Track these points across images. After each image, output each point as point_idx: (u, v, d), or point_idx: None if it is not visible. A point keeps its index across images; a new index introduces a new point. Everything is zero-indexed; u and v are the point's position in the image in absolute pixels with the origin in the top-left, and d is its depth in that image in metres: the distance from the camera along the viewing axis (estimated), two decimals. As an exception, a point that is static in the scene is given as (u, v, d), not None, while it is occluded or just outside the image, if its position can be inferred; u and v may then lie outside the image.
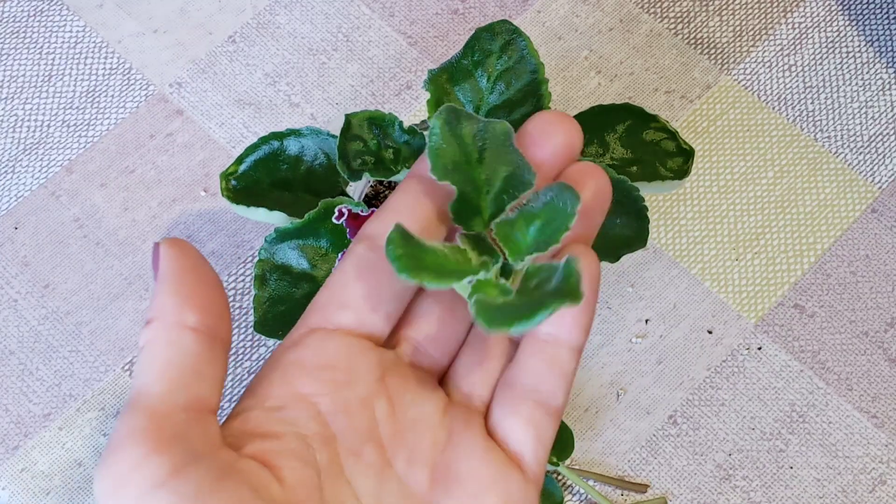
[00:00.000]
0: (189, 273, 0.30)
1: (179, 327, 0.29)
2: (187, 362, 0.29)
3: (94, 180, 0.62)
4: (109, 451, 0.28)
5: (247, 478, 0.28)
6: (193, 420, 0.29)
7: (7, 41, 0.65)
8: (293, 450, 0.30)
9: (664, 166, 0.51)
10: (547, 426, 0.32)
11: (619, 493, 0.56)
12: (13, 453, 0.57)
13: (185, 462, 0.28)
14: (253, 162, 0.51)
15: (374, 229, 0.33)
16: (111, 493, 0.27)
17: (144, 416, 0.28)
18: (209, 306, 0.30)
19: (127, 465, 0.27)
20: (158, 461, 0.27)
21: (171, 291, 0.30)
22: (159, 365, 0.29)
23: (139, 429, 0.28)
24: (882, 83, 0.64)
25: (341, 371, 0.31)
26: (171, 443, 0.28)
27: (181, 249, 0.30)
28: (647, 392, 0.58)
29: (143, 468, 0.27)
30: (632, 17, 0.66)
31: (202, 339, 0.30)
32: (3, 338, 0.59)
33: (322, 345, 0.32)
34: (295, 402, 0.31)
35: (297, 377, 0.31)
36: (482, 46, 0.49)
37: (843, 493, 0.56)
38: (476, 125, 0.33)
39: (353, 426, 0.31)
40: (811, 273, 0.60)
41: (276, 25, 0.65)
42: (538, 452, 0.32)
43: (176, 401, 0.29)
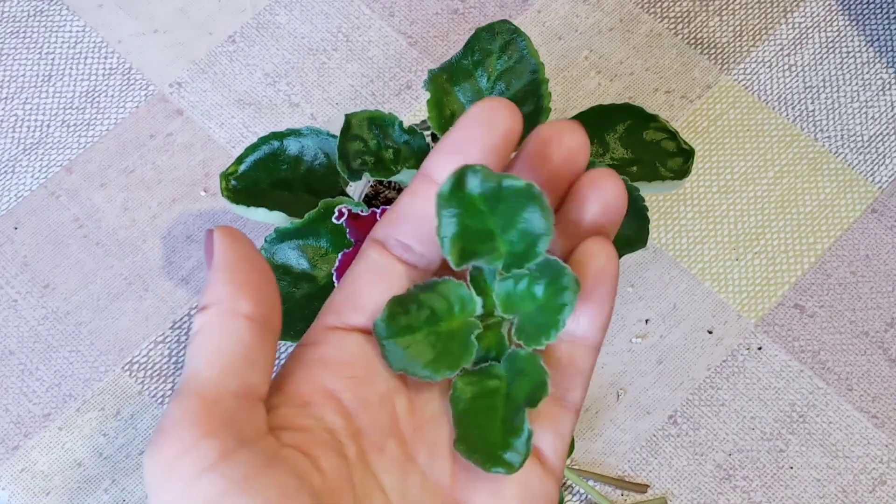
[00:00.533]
0: (243, 262, 0.30)
1: (234, 315, 0.30)
2: (239, 350, 0.30)
3: (94, 180, 0.62)
4: (160, 433, 0.28)
5: (291, 464, 0.29)
6: (243, 406, 0.29)
7: (7, 41, 0.65)
8: (326, 441, 0.30)
9: (664, 166, 0.51)
10: (565, 422, 0.33)
11: (620, 494, 0.56)
12: (13, 453, 0.57)
13: (235, 447, 0.28)
14: (253, 162, 0.51)
15: (383, 233, 0.33)
16: (161, 475, 0.28)
17: (196, 400, 0.29)
18: (262, 295, 0.30)
19: (178, 447, 0.28)
20: (209, 445, 0.28)
21: (225, 279, 0.30)
22: (212, 351, 0.30)
23: (191, 412, 0.28)
24: (882, 83, 0.64)
25: (361, 368, 0.32)
26: (222, 427, 0.28)
27: (235, 238, 0.31)
28: (648, 392, 0.58)
29: (194, 451, 0.28)
30: (632, 17, 0.66)
31: (255, 327, 0.30)
32: (3, 338, 0.59)
33: (341, 343, 0.32)
34: (321, 397, 0.31)
35: (320, 374, 0.32)
36: (482, 46, 0.49)
37: (843, 493, 0.56)
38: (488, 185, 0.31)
39: (376, 421, 0.31)
40: (811, 273, 0.60)
41: (276, 25, 0.65)
42: (557, 447, 0.33)
43: (227, 387, 0.29)
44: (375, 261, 0.33)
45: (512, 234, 0.31)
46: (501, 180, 0.30)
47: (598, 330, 0.33)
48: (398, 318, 0.32)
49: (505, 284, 0.32)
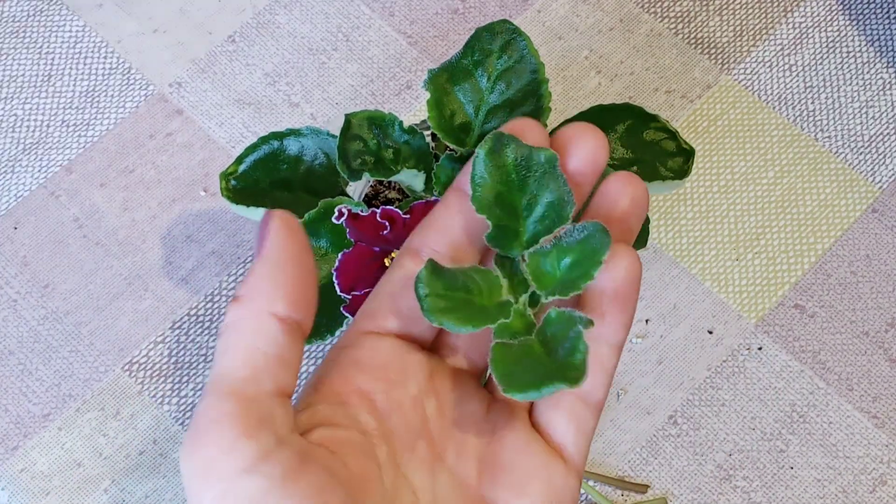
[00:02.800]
0: (292, 261, 0.30)
1: (269, 315, 0.30)
2: (273, 351, 0.30)
3: (94, 180, 0.62)
4: (197, 433, 0.29)
5: (323, 462, 0.29)
6: (277, 406, 0.30)
7: (7, 41, 0.65)
8: (357, 442, 0.31)
9: (664, 166, 0.51)
10: (588, 419, 0.34)
11: (620, 494, 0.56)
12: (13, 453, 0.57)
13: (272, 446, 0.28)
14: (253, 162, 0.51)
15: (417, 243, 0.35)
16: (201, 475, 0.28)
17: (233, 400, 0.29)
18: (301, 301, 0.31)
19: (216, 449, 0.28)
20: (247, 445, 0.28)
21: (268, 276, 0.30)
22: (246, 350, 0.30)
23: (228, 413, 0.29)
24: (883, 83, 0.64)
25: (394, 371, 0.33)
26: (260, 427, 0.29)
27: (291, 232, 0.31)
28: (648, 392, 0.58)
29: (233, 452, 0.28)
30: (632, 17, 0.66)
31: (287, 329, 0.30)
32: (3, 338, 0.59)
33: (375, 346, 0.33)
34: (356, 398, 0.32)
35: (355, 375, 0.32)
36: (482, 46, 0.49)
37: (843, 493, 0.56)
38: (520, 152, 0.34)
39: (407, 423, 0.32)
40: (811, 273, 0.60)
41: (276, 25, 0.65)
42: (579, 444, 0.34)
43: (263, 387, 0.29)
44: (410, 269, 0.34)
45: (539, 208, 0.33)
46: (531, 151, 0.33)
47: (621, 329, 0.34)
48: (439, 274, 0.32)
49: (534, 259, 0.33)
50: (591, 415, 0.34)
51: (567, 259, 0.33)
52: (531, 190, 0.33)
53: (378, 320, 0.34)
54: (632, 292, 0.33)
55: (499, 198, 0.33)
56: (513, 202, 0.33)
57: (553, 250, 0.33)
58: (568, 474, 0.33)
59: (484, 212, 0.33)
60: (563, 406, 0.33)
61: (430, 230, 0.34)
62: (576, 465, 0.33)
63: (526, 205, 0.33)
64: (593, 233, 0.32)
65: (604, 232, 0.32)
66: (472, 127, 0.50)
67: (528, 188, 0.33)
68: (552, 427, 0.33)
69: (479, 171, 0.33)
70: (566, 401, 0.33)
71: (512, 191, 0.33)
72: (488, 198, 0.33)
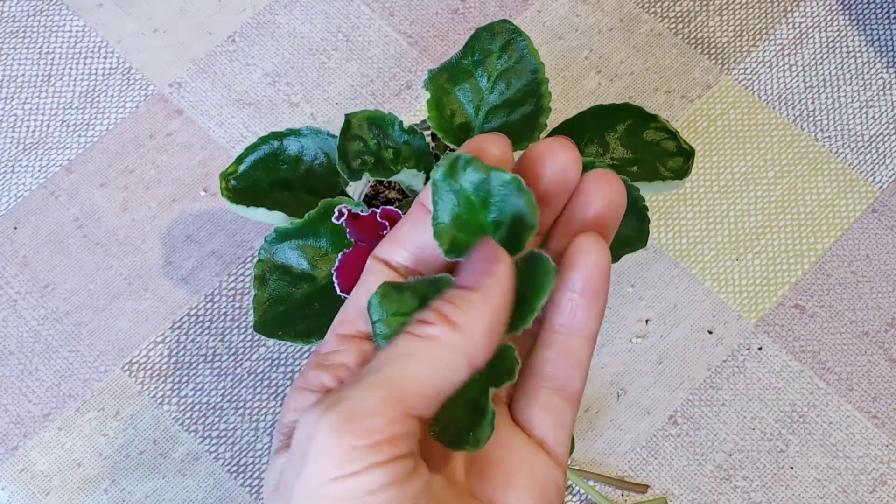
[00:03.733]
0: (505, 306, 0.32)
1: (466, 355, 0.31)
2: (448, 388, 0.32)
3: (94, 180, 0.62)
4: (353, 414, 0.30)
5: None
6: (418, 430, 0.32)
7: (7, 41, 0.65)
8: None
9: (664, 166, 0.51)
10: (565, 411, 0.34)
11: (620, 494, 0.56)
12: (13, 453, 0.57)
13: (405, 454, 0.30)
14: (253, 162, 0.51)
15: (385, 253, 0.35)
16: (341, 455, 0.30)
17: (402, 412, 0.31)
18: (493, 348, 0.32)
19: (366, 440, 0.30)
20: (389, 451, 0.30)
21: (488, 315, 0.31)
22: (436, 378, 0.31)
23: (395, 420, 0.30)
24: (883, 83, 0.64)
25: None
26: (403, 442, 0.31)
27: (512, 277, 0.32)
28: (648, 392, 0.58)
29: (377, 451, 0.30)
30: (632, 17, 0.66)
31: (468, 372, 0.32)
32: (3, 338, 0.59)
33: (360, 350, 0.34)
34: None
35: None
36: (482, 46, 0.49)
37: (843, 493, 0.56)
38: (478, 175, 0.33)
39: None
40: (812, 273, 0.60)
41: (276, 25, 0.65)
42: (559, 436, 0.34)
43: (424, 413, 0.31)
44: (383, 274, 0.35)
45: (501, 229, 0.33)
46: (490, 172, 0.32)
47: (592, 320, 0.34)
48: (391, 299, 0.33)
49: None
50: (569, 407, 0.34)
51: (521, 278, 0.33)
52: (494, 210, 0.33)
53: (356, 325, 0.34)
54: (601, 284, 0.34)
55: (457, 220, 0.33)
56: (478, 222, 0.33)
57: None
58: (551, 466, 0.34)
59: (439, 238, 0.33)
60: (539, 402, 0.34)
61: (397, 244, 0.35)
62: (558, 456, 0.34)
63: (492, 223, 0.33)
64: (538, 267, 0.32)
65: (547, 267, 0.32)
66: (472, 127, 0.49)
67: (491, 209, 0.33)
68: (531, 422, 0.34)
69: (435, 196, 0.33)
70: (542, 396, 0.34)
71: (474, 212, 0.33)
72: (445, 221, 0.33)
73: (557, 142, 0.34)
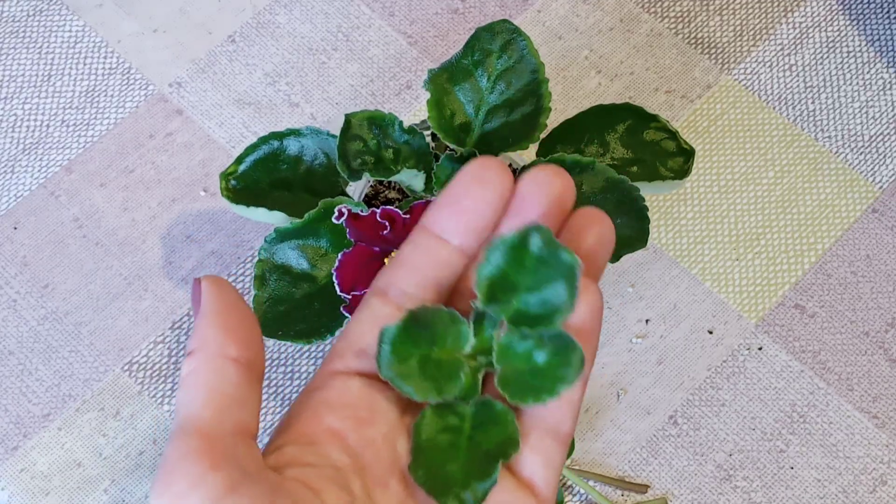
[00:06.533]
0: (230, 309, 0.32)
1: (223, 358, 0.32)
2: (231, 391, 0.31)
3: (94, 180, 0.62)
4: (165, 471, 0.29)
5: (296, 497, 0.30)
6: (240, 444, 0.31)
7: (7, 41, 0.65)
8: (331, 476, 0.31)
9: (664, 166, 0.51)
10: (555, 452, 0.34)
11: (620, 494, 0.56)
12: (13, 453, 0.57)
13: (240, 480, 0.29)
14: (253, 162, 0.51)
15: (384, 282, 0.35)
16: None
17: (197, 438, 0.30)
18: (248, 341, 0.32)
19: (185, 483, 0.29)
20: (215, 478, 0.29)
21: (213, 324, 0.32)
22: (205, 392, 0.31)
23: (194, 449, 0.30)
24: (883, 83, 0.64)
25: (363, 410, 0.33)
26: (226, 461, 0.30)
27: (222, 287, 0.33)
28: (648, 392, 0.58)
29: (201, 486, 0.29)
30: (632, 17, 0.66)
31: (242, 370, 0.32)
32: (3, 338, 0.59)
33: (345, 386, 0.33)
34: (326, 437, 0.32)
35: (325, 415, 0.33)
36: (482, 46, 0.49)
37: (843, 493, 0.56)
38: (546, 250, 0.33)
39: (379, 459, 0.33)
40: (812, 273, 0.60)
41: (276, 25, 0.65)
42: (548, 478, 0.34)
43: (224, 425, 0.31)
44: (378, 310, 0.34)
45: (536, 295, 0.33)
46: (559, 251, 0.32)
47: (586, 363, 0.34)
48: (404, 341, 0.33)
49: (509, 337, 0.33)
50: (559, 448, 0.34)
51: (541, 357, 0.33)
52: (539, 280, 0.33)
53: (347, 361, 0.34)
54: (595, 327, 0.34)
55: (503, 277, 0.33)
56: (515, 282, 0.33)
57: (533, 340, 0.33)
58: None
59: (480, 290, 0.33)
60: (529, 442, 0.34)
61: (399, 270, 0.35)
62: (545, 498, 0.34)
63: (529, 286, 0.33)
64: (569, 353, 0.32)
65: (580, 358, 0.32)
66: (472, 127, 0.49)
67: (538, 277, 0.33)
68: (521, 462, 0.34)
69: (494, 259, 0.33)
70: (534, 436, 0.34)
71: (519, 274, 0.33)
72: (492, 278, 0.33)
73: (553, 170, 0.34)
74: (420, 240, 0.34)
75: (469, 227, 0.34)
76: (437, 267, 0.34)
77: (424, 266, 0.34)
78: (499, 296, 0.33)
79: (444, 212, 0.34)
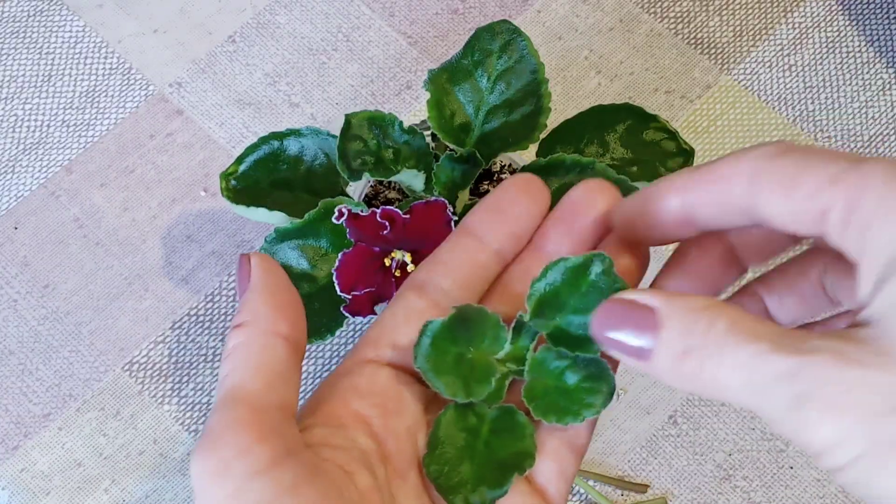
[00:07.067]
0: (281, 287, 0.33)
1: (273, 334, 0.32)
2: (279, 367, 0.32)
3: (94, 180, 0.62)
4: (210, 438, 0.30)
5: (332, 476, 0.30)
6: (284, 419, 0.31)
7: (7, 41, 0.65)
8: (361, 460, 0.32)
9: (664, 166, 0.51)
10: (570, 463, 0.34)
11: (620, 493, 0.56)
12: (13, 453, 0.57)
13: (284, 454, 0.30)
14: (253, 162, 0.51)
15: (422, 277, 0.35)
16: (213, 475, 0.29)
17: (246, 408, 0.30)
18: (296, 320, 0.33)
19: (231, 451, 0.29)
20: (261, 450, 0.29)
21: (265, 301, 0.32)
22: (255, 365, 0.31)
23: (243, 420, 0.30)
24: (882, 83, 0.64)
25: (391, 400, 0.34)
26: (272, 435, 0.30)
27: (272, 265, 0.33)
28: (648, 392, 0.58)
29: (247, 455, 0.29)
30: (632, 17, 0.66)
31: (290, 347, 0.32)
32: (3, 338, 0.59)
33: (374, 374, 0.34)
34: (354, 421, 0.33)
35: (353, 400, 0.33)
36: (482, 46, 0.49)
37: (843, 493, 0.56)
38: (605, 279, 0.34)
39: (401, 451, 0.33)
40: (811, 273, 0.60)
41: (276, 25, 0.65)
42: (561, 488, 0.34)
43: (271, 399, 0.31)
44: (413, 303, 0.35)
45: (582, 318, 0.33)
46: (616, 281, 0.33)
47: None
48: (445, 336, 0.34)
49: (545, 353, 0.34)
50: (574, 460, 0.35)
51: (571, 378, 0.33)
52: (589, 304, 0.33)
53: (379, 350, 0.35)
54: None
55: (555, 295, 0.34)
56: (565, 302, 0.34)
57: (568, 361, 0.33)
58: None
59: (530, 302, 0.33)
60: (546, 449, 0.34)
61: (439, 267, 0.35)
62: None
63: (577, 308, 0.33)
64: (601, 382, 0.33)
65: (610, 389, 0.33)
66: (472, 127, 0.50)
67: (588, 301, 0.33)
68: (536, 470, 0.34)
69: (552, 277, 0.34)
70: (551, 446, 0.34)
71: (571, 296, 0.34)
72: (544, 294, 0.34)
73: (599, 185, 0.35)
74: (461, 240, 0.36)
75: (511, 234, 0.35)
76: (474, 268, 0.35)
77: (463, 266, 0.35)
78: (546, 311, 0.33)
79: (489, 217, 0.36)
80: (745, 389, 0.29)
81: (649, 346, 0.30)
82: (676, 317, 0.30)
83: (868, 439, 0.27)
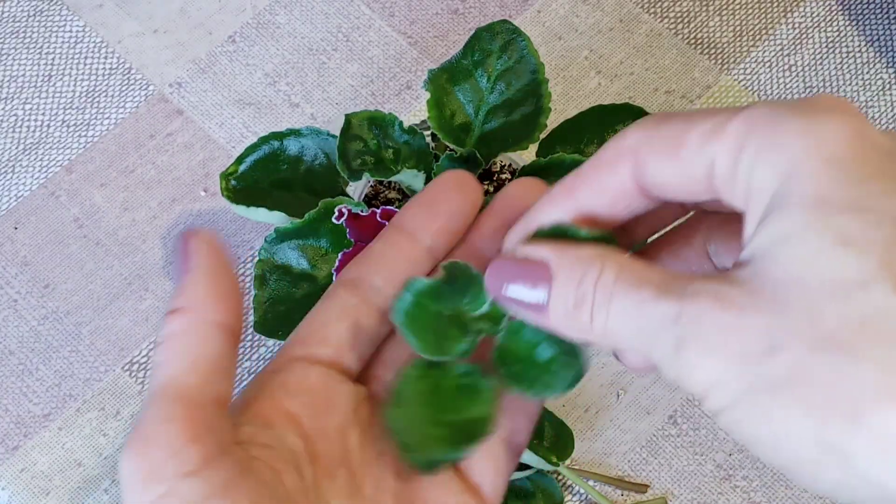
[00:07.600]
0: (223, 272, 0.31)
1: (211, 323, 0.31)
2: (217, 359, 0.31)
3: (94, 180, 0.62)
4: (141, 435, 0.29)
5: (263, 476, 0.30)
6: (219, 415, 0.30)
7: (7, 41, 0.65)
8: (289, 460, 0.31)
9: (664, 166, 0.51)
10: (506, 460, 0.34)
11: (620, 494, 0.56)
12: (13, 453, 0.57)
13: (217, 453, 0.29)
14: (253, 162, 0.51)
15: (354, 274, 0.35)
16: (143, 477, 0.29)
17: (180, 406, 0.29)
18: (236, 308, 0.32)
19: (163, 453, 0.29)
20: (194, 450, 0.29)
21: (206, 286, 0.31)
22: (192, 358, 0.30)
23: (176, 418, 0.29)
24: (882, 83, 0.64)
25: (321, 398, 0.33)
26: (205, 433, 0.29)
27: (213, 247, 0.32)
28: (648, 392, 0.58)
29: (179, 455, 0.29)
30: (632, 17, 0.66)
31: (228, 337, 0.31)
32: (3, 338, 0.59)
33: (304, 372, 0.33)
34: (283, 420, 0.32)
35: (283, 398, 0.33)
36: (482, 46, 0.49)
37: (843, 493, 0.56)
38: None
39: (330, 450, 0.33)
40: (811, 273, 0.60)
41: (276, 25, 0.65)
42: (497, 484, 0.34)
43: (207, 394, 0.30)
44: (345, 300, 0.34)
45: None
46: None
47: None
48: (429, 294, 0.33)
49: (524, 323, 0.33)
50: (511, 456, 0.34)
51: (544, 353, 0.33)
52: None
53: (309, 347, 0.34)
54: None
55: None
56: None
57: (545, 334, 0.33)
58: None
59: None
60: (483, 447, 0.34)
61: (370, 264, 0.35)
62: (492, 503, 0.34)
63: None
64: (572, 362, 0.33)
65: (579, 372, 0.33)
66: (472, 127, 0.50)
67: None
68: (470, 467, 0.34)
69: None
70: (488, 442, 0.34)
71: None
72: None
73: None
74: (393, 237, 0.35)
75: (443, 230, 0.35)
76: (406, 264, 0.35)
77: (395, 262, 0.35)
78: None
79: (421, 213, 0.35)
80: (636, 336, 0.28)
81: (544, 300, 0.30)
82: (567, 267, 0.30)
83: (742, 382, 0.26)
